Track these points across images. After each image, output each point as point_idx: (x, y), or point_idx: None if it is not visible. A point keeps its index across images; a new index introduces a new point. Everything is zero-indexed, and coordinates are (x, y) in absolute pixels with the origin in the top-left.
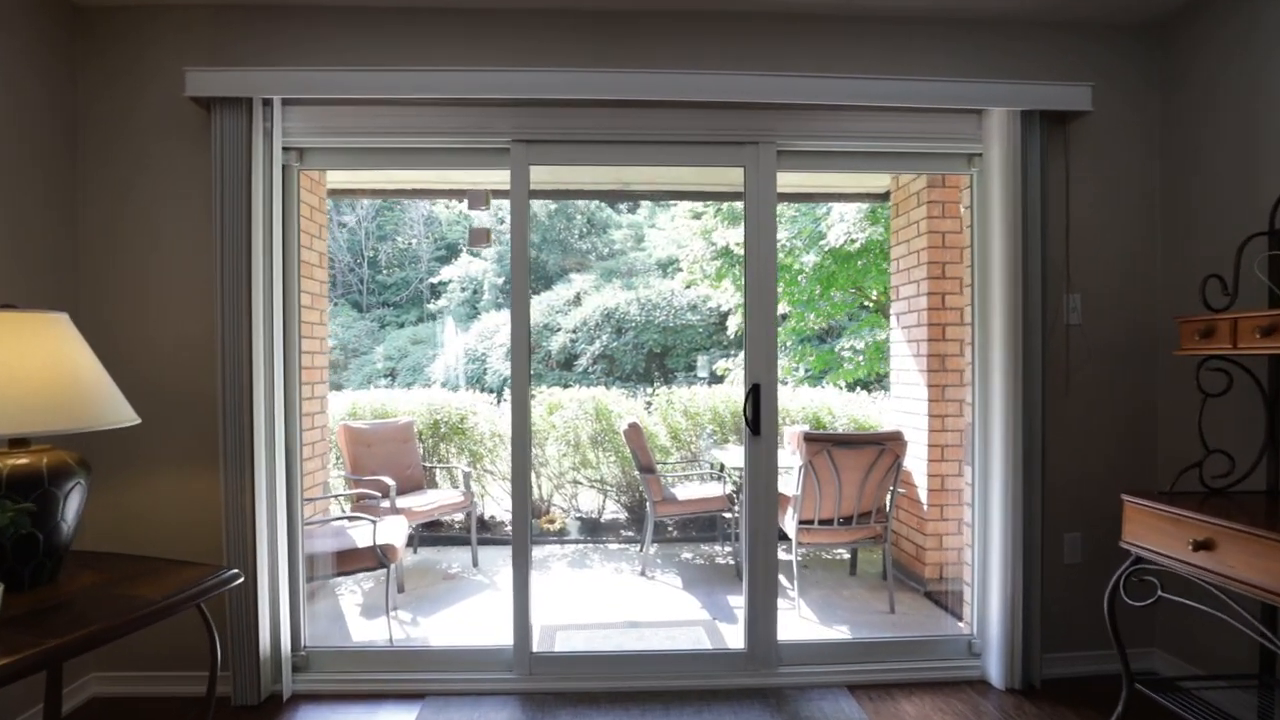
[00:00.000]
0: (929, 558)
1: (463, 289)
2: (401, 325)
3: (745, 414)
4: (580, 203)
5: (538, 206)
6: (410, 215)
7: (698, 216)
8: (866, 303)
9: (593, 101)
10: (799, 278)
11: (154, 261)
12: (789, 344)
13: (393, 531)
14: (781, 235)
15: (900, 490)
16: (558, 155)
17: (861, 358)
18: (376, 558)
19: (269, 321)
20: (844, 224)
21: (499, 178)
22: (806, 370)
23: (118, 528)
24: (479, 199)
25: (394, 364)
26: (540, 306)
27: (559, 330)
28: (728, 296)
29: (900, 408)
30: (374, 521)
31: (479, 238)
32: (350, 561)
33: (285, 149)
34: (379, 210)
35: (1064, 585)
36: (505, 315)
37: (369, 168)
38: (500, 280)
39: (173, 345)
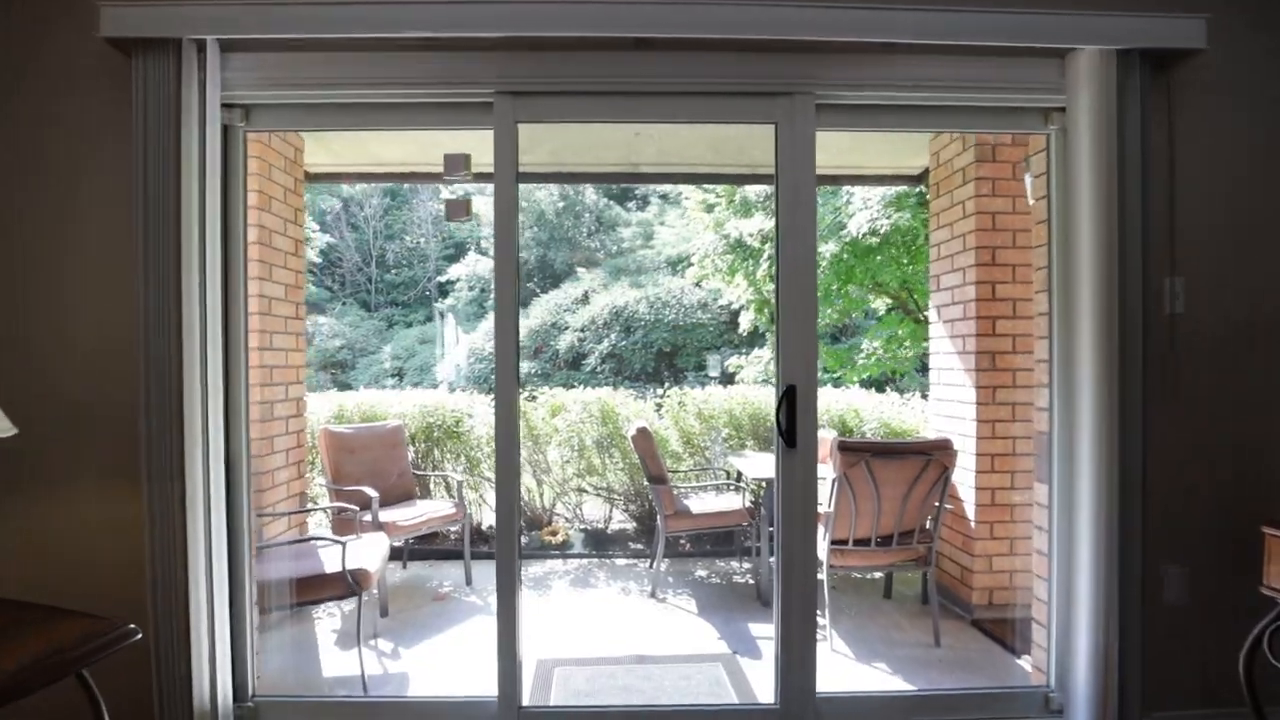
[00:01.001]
0: (977, 581)
1: (470, 287)
2: (409, 325)
3: (778, 422)
4: (589, 199)
5: (544, 201)
6: (419, 214)
7: (710, 209)
8: (882, 300)
9: (593, 42)
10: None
11: (61, 240)
12: None
13: (368, 553)
14: None
15: (946, 506)
16: (551, 110)
17: (882, 353)
18: (346, 585)
19: (206, 313)
20: (866, 211)
21: (485, 157)
22: (825, 370)
23: (7, 564)
24: (457, 164)
25: (401, 364)
26: (548, 305)
27: (567, 329)
28: (740, 293)
29: (942, 411)
30: (343, 543)
31: (457, 210)
32: (315, 589)
33: (226, 105)
34: (387, 209)
35: (1164, 630)
36: None
37: (327, 127)
38: None
39: (86, 340)
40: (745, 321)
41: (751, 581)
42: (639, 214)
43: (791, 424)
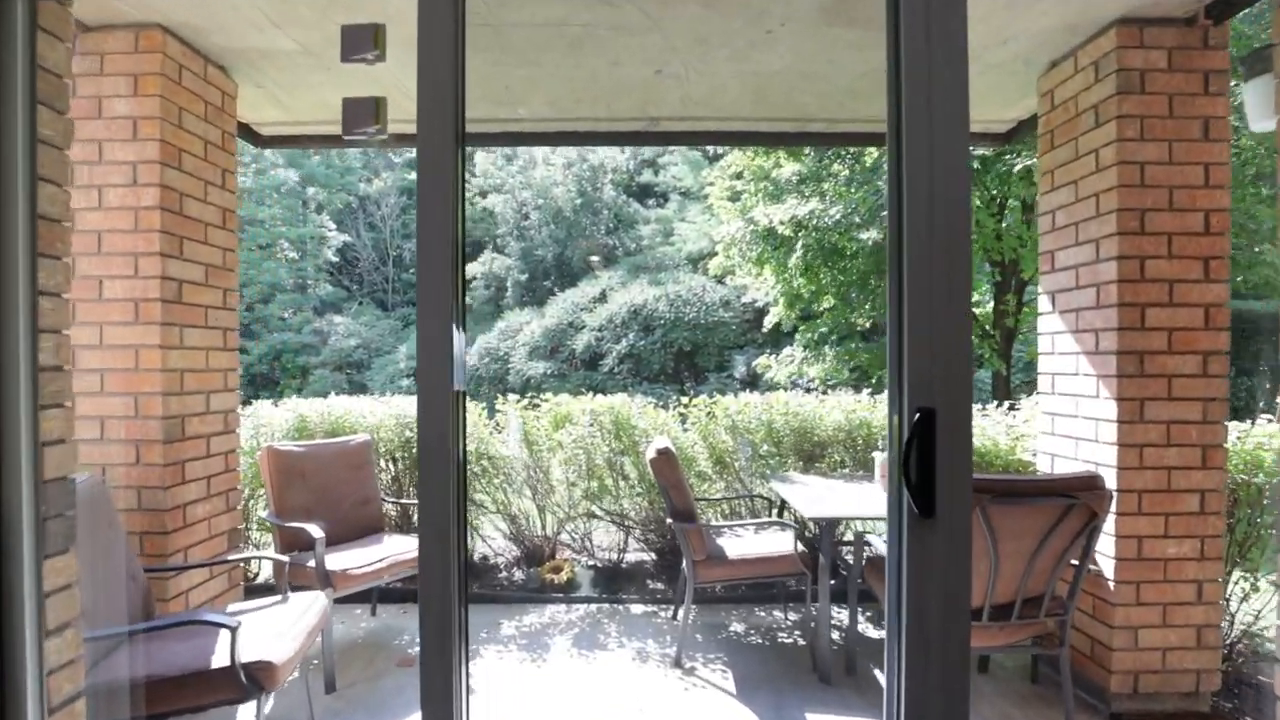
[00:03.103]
0: (1117, 661)
1: (486, 286)
2: None
3: (905, 473)
4: (607, 195)
5: (561, 198)
6: None
7: (735, 198)
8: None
9: None
10: (853, 261)
11: None
12: (834, 339)
13: (280, 631)
14: (834, 210)
15: (1090, 566)
16: None
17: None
18: (238, 686)
19: None
20: None
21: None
22: (862, 371)
23: None
24: (361, 40)
25: (416, 363)
26: (564, 304)
27: (584, 328)
28: (766, 288)
29: (1057, 429)
30: (232, 626)
31: (359, 115)
32: (185, 694)
33: None
34: (404, 209)
35: None
36: (529, 313)
37: None
38: (524, 277)
39: None
40: (771, 318)
41: (802, 641)
42: (658, 210)
43: (927, 475)
